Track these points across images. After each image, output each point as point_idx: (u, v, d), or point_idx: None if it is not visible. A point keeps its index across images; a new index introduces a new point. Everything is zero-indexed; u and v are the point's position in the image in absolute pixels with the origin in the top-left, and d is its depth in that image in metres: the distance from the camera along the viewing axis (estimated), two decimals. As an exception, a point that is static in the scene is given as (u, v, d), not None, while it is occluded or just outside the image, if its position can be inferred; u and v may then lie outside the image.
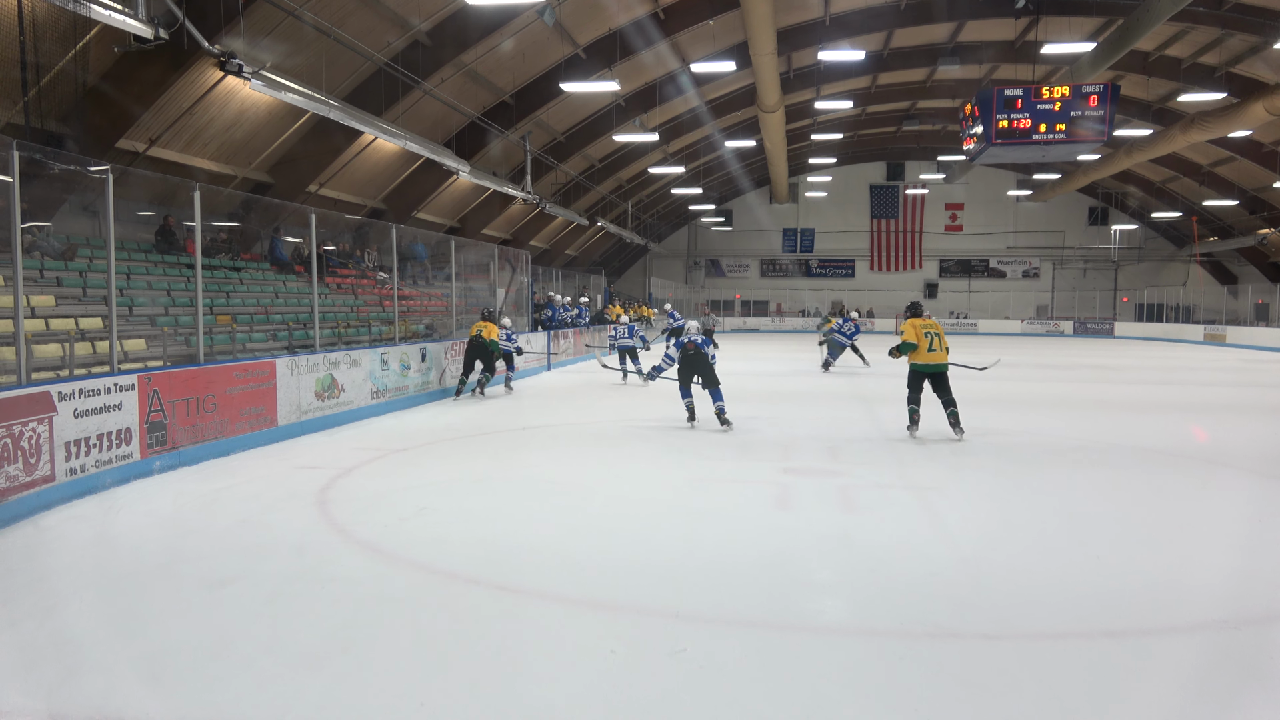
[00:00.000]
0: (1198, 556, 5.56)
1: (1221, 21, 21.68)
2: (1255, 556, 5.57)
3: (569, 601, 4.59)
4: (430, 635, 4.14)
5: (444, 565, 5.16)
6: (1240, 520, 6.57)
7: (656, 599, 4.62)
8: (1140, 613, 4.48)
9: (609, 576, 4.99)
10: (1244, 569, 5.28)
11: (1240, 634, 4.24)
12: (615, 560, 5.30)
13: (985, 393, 15.44)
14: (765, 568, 5.16)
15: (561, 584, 4.85)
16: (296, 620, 4.29)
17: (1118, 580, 4.97)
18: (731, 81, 25.63)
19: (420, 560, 5.25)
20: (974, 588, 4.85)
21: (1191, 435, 10.97)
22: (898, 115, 35.08)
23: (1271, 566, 5.33)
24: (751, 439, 9.78)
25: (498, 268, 17.17)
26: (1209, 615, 4.45)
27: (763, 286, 47.76)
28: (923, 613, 4.42)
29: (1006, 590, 4.80)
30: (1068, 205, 44.16)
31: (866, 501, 6.83)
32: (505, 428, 10.72)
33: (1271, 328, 33.85)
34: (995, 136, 18.84)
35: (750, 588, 4.82)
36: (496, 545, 5.58)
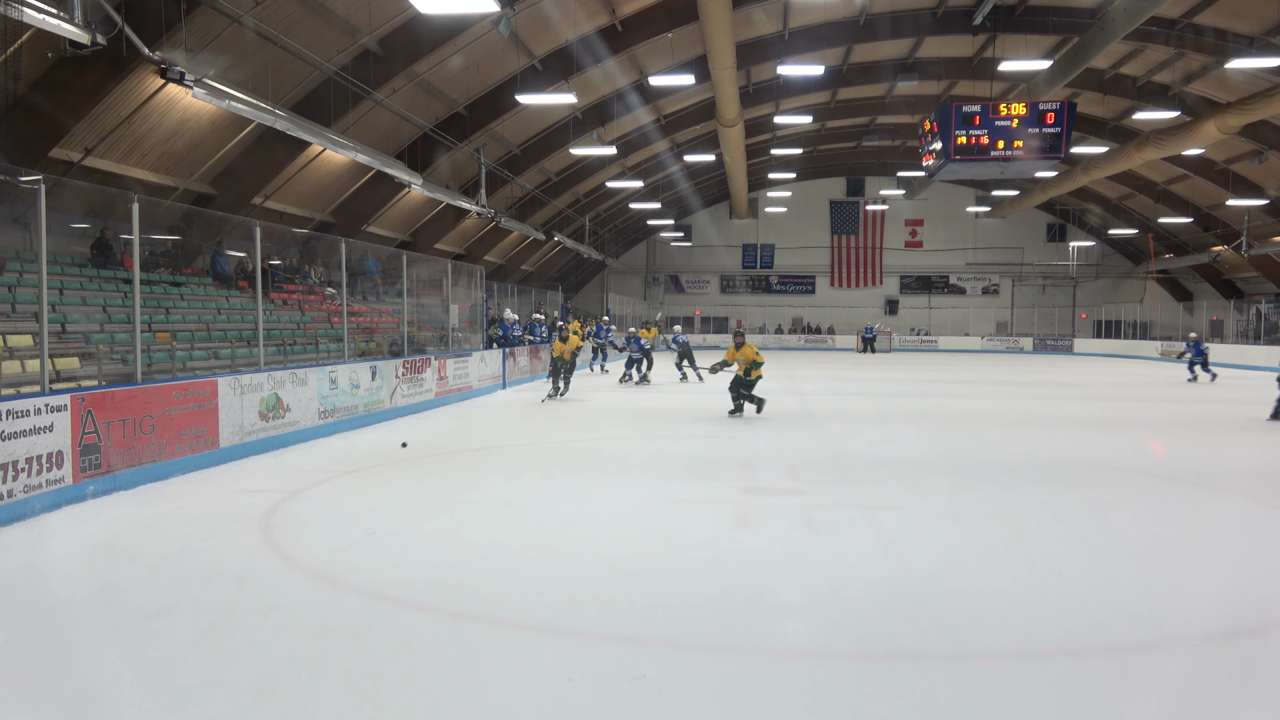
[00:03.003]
0: (1158, 573, 5.50)
1: (1174, 41, 22.09)
2: (1213, 573, 5.54)
3: (524, 628, 4.41)
4: (379, 665, 3.95)
5: (394, 592, 4.94)
6: (1198, 536, 6.56)
7: (615, 624, 4.47)
8: (1102, 630, 4.42)
9: (566, 601, 4.80)
10: (1203, 585, 5.24)
11: (1200, 650, 4.18)
12: (572, 584, 5.10)
13: (946, 410, 15.41)
14: (726, 590, 5.02)
15: (516, 610, 4.66)
16: (239, 651, 4.09)
17: (1079, 598, 4.90)
18: (691, 95, 25.57)
19: (369, 587, 5.02)
20: (936, 608, 4.75)
21: (1147, 452, 10.96)
22: (857, 131, 35.35)
23: (1228, 582, 5.30)
24: (712, 458, 9.56)
25: (451, 283, 16.78)
26: (1170, 632, 4.41)
27: (723, 303, 47.76)
28: (885, 634, 4.36)
29: (968, 610, 4.71)
30: (1026, 222, 44.79)
31: (827, 521, 6.69)
32: (458, 448, 10.39)
33: (1226, 344, 34.50)
34: (954, 152, 18.93)
35: (711, 611, 4.67)
36: (448, 570, 5.35)
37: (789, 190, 43.34)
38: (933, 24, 23.00)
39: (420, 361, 13.98)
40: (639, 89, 23.46)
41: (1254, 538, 6.42)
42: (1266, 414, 13.88)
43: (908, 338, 44.21)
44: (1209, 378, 22.97)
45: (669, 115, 27.56)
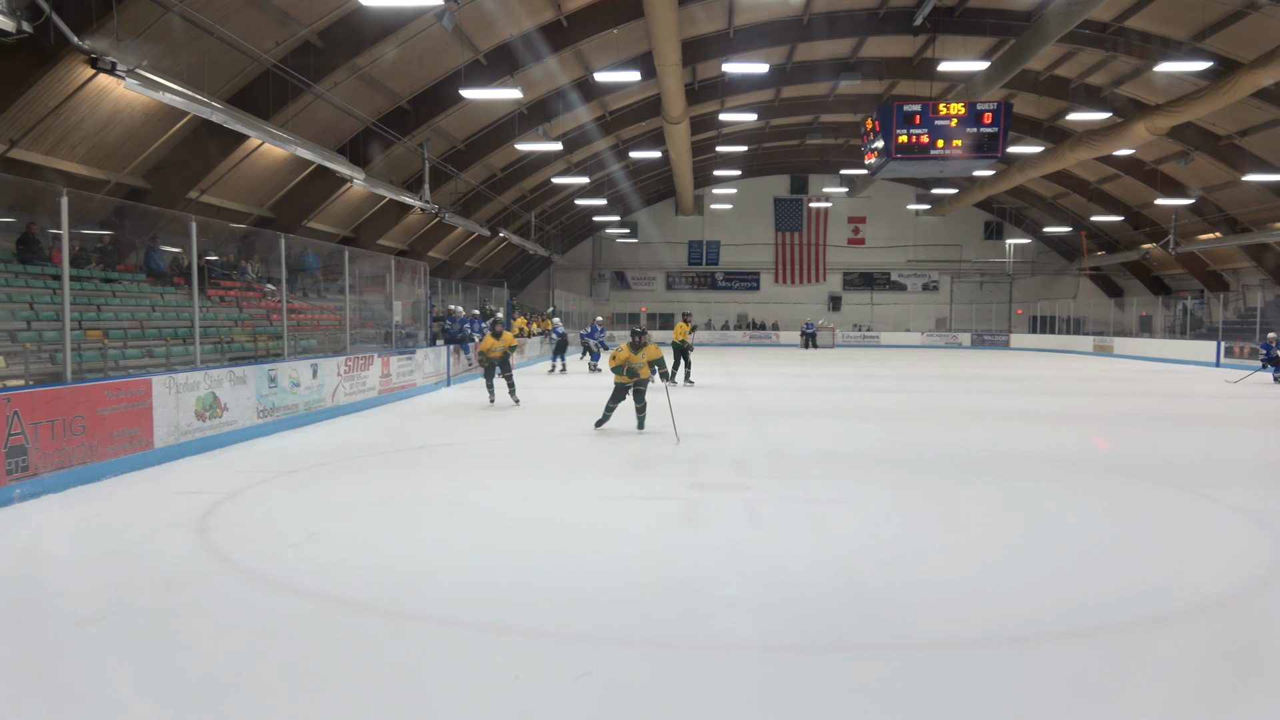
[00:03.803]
0: (1094, 562, 5.63)
1: (1106, 44, 22.74)
2: (1146, 561, 5.69)
3: (469, 627, 4.38)
4: (322, 668, 3.89)
5: (337, 593, 4.85)
6: (1132, 526, 6.72)
7: (561, 621, 4.46)
8: (1040, 619, 4.52)
9: (512, 599, 4.77)
10: (1135, 574, 5.37)
11: (1135, 635, 4.31)
12: (518, 582, 5.07)
13: (889, 405, 15.64)
14: (673, 586, 5.03)
15: (461, 609, 4.62)
16: (177, 657, 3.98)
17: (1018, 588, 5.02)
18: (636, 92, 25.60)
19: (311, 589, 4.92)
20: (880, 600, 4.82)
21: (1085, 444, 11.29)
22: (801, 129, 35.70)
23: (1159, 570, 5.46)
24: (658, 455, 9.59)
25: (395, 280, 16.55)
26: (1108, 618, 4.51)
27: (669, 299, 47.89)
28: (830, 626, 4.41)
29: (912, 601, 4.78)
30: (965, 220, 45.70)
31: (773, 516, 6.74)
32: (402, 447, 10.26)
33: (1155, 339, 35.63)
34: (895, 151, 19.27)
35: (658, 607, 4.68)
36: (392, 570, 5.28)
37: (734, 187, 43.62)
38: (874, 24, 23.35)
39: (363, 359, 13.78)
40: (584, 85, 23.42)
41: (1185, 527, 6.64)
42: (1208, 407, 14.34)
43: (850, 334, 44.83)
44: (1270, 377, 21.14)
45: (615, 112, 27.54)
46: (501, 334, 14.25)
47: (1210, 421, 13.52)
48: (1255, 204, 30.05)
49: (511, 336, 14.46)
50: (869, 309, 47.18)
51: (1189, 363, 30.10)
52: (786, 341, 43.46)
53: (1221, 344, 29.58)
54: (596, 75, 20.45)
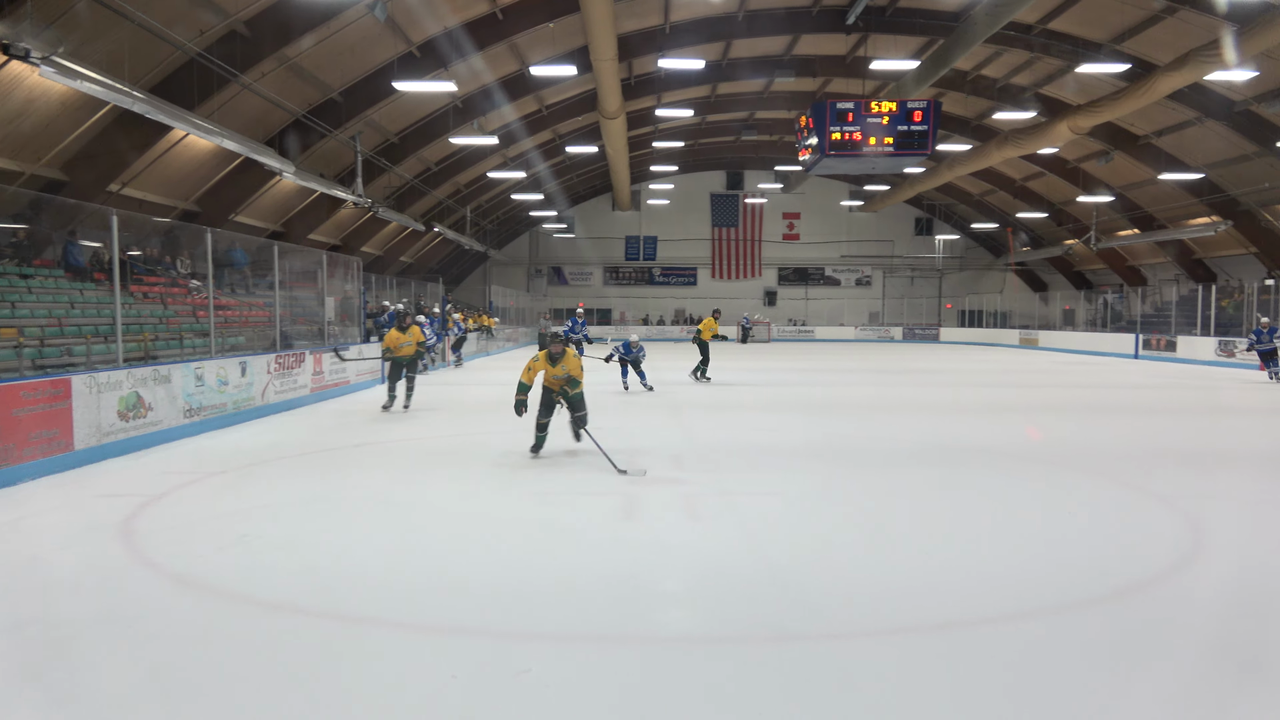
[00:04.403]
0: (1021, 548, 5.81)
1: (1030, 45, 23.36)
2: (1070, 547, 5.87)
3: (405, 627, 4.33)
4: (254, 673, 3.81)
5: (268, 596, 4.75)
6: (1056, 513, 6.94)
7: (499, 620, 4.43)
8: (970, 605, 4.63)
9: (448, 598, 4.73)
10: (1060, 559, 5.54)
11: (1058, 619, 4.44)
12: (454, 581, 5.02)
13: (823, 399, 15.87)
14: (611, 581, 5.04)
15: (396, 609, 4.56)
16: (101, 666, 3.86)
17: (948, 575, 5.14)
18: (573, 86, 25.49)
19: (242, 592, 4.81)
20: (814, 590, 4.90)
21: (1012, 434, 11.62)
22: (737, 125, 35.96)
23: (1082, 556, 5.63)
24: (594, 450, 9.56)
25: (327, 275, 16.22)
26: (1034, 603, 4.65)
27: (607, 295, 47.87)
28: (767, 617, 4.46)
29: (847, 590, 4.87)
30: (896, 216, 46.55)
31: (710, 509, 6.80)
32: (335, 445, 10.08)
33: (1077, 332, 36.83)
34: (829, 148, 19.54)
35: (597, 602, 4.68)
36: (326, 572, 5.19)
37: (671, 183, 43.73)
38: (807, 22, 23.62)
39: (294, 356, 13.49)
40: (520, 79, 23.23)
41: (1106, 514, 6.86)
42: (1127, 397, 14.85)
43: (786, 328, 45.35)
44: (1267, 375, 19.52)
45: (551, 106, 27.40)
46: (410, 328, 12.87)
47: (1129, 411, 14.02)
48: (1170, 202, 31.21)
49: (420, 332, 13.18)
50: (804, 304, 47.78)
51: (1109, 354, 31.20)
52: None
53: (1140, 336, 30.75)
54: (532, 69, 20.32)
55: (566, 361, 8.73)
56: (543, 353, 8.87)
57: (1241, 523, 6.55)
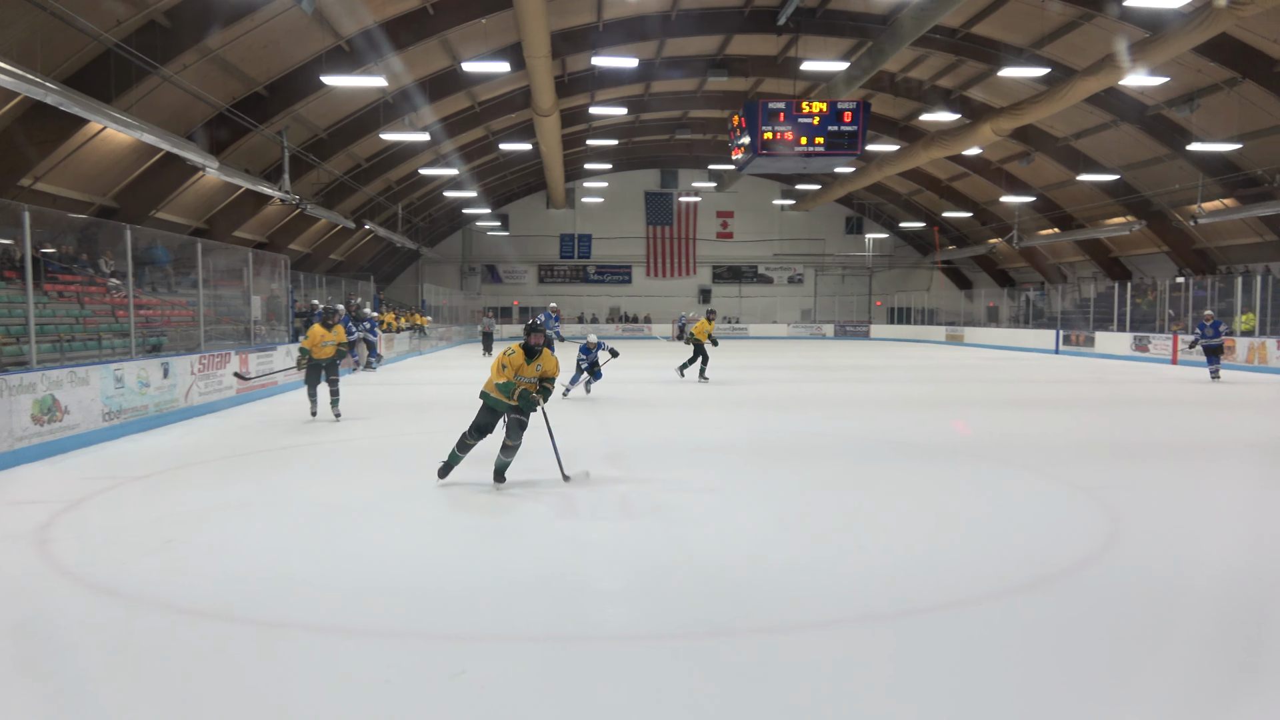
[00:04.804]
0: (951, 540, 5.96)
1: (955, 49, 23.95)
2: (999, 538, 6.05)
3: (337, 632, 4.25)
4: (180, 682, 3.70)
5: (194, 604, 4.60)
6: (984, 504, 7.17)
7: (433, 622, 4.38)
8: (903, 596, 4.73)
9: (383, 601, 4.65)
10: (989, 549, 5.70)
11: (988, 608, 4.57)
12: (387, 583, 4.95)
13: (758, 396, 16.03)
14: (548, 580, 5.02)
15: (328, 614, 4.47)
16: (17, 680, 3.72)
17: (881, 567, 5.25)
18: (506, 83, 25.30)
19: (166, 600, 4.66)
20: (753, 585, 4.94)
21: (940, 428, 11.88)
22: (671, 124, 36.11)
23: (1011, 545, 5.82)
24: (530, 448, 9.51)
25: (253, 273, 15.82)
26: (966, 593, 4.77)
27: (541, 293, 47.61)
28: (705, 613, 4.49)
29: (781, 585, 4.93)
30: (827, 215, 47.27)
31: (647, 506, 6.81)
32: (263, 448, 9.84)
33: (1001, 328, 37.94)
34: (761, 148, 19.73)
35: (533, 602, 4.66)
36: (255, 577, 5.06)
37: (605, 181, 43.71)
38: (741, 22, 23.84)
39: (219, 357, 13.14)
40: (452, 75, 22.98)
41: (1031, 505, 7.09)
42: (1048, 391, 15.29)
43: (720, 326, 45.63)
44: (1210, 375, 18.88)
45: (484, 103, 27.15)
46: (334, 327, 11.85)
47: (1050, 405, 14.47)
48: (1089, 202, 32.30)
49: (343, 332, 12.18)
50: (738, 301, 48.22)
51: (1032, 350, 32.19)
52: (659, 334, 43.90)
53: (1060, 332, 31.83)
54: (464, 65, 20.11)
55: (544, 359, 7.35)
56: (519, 346, 7.29)
57: (1157, 511, 6.81)
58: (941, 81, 27.36)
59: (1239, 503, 7.23)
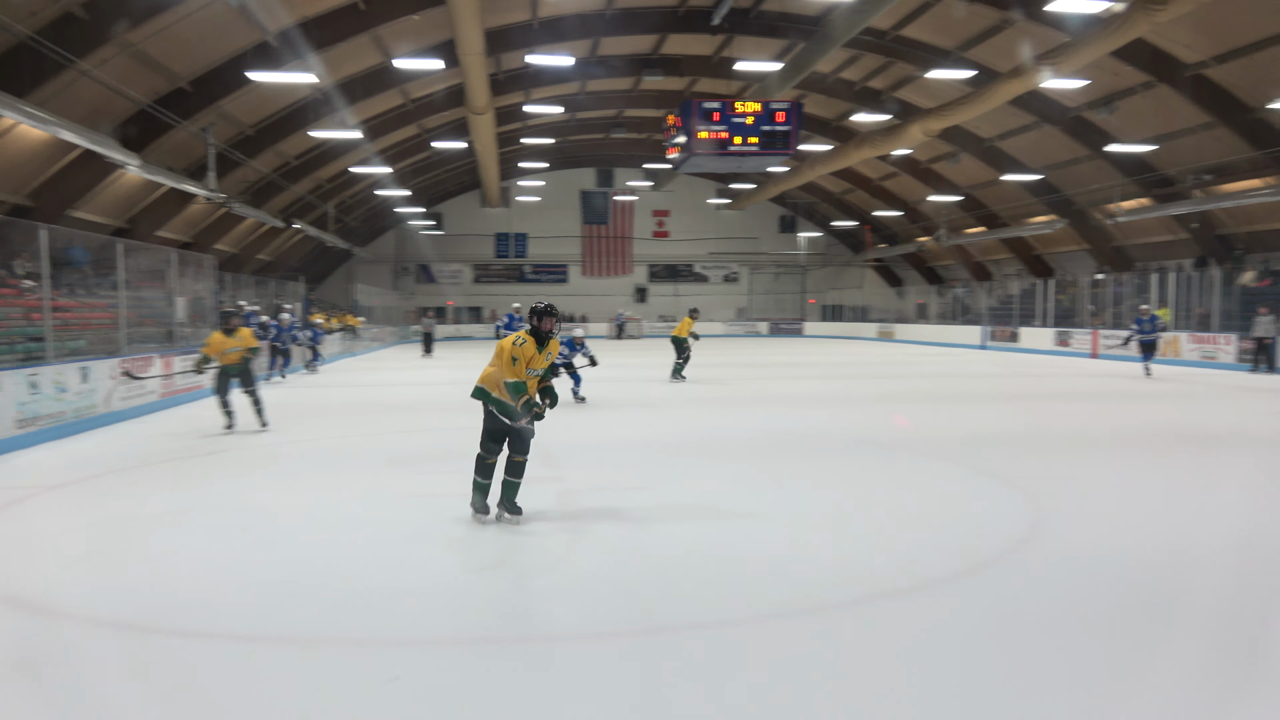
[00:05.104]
0: (880, 532, 6.11)
1: (885, 51, 24.39)
2: (928, 528, 6.19)
3: (267, 640, 4.17)
4: (103, 695, 3.61)
5: (117, 615, 4.48)
6: (911, 497, 7.31)
7: (366, 627, 4.32)
8: (835, 588, 4.82)
9: (315, 609, 4.57)
10: (917, 540, 5.83)
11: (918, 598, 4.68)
12: (321, 590, 4.86)
13: (692, 394, 16.12)
14: (484, 581, 5.02)
15: (258, 622, 4.39)
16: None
17: (813, 560, 5.33)
18: (440, 80, 25.00)
19: (87, 612, 4.52)
20: (692, 582, 4.98)
21: (871, 422, 12.11)
22: (606, 122, 36.10)
23: (936, 536, 5.95)
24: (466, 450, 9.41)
25: (178, 274, 15.37)
26: (894, 584, 4.88)
27: (476, 293, 47.23)
28: (639, 609, 4.53)
29: (723, 581, 4.97)
30: (762, 214, 47.76)
31: (583, 505, 6.82)
32: (187, 454, 9.56)
33: (930, 324, 38.82)
34: (696, 147, 19.85)
35: (470, 604, 4.65)
36: (180, 586, 4.93)
37: (541, 180, 43.49)
38: (675, 22, 23.96)
39: (140, 360, 12.74)
40: (384, 72, 22.61)
41: (957, 496, 7.27)
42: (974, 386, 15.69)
43: (657, 324, 45.85)
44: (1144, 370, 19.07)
45: (417, 100, 26.80)
46: (237, 330, 10.83)
47: (976, 399, 14.86)
48: (1013, 201, 33.19)
49: (251, 335, 11.10)
50: (674, 300, 48.40)
51: (959, 345, 33.01)
52: (595, 333, 43.90)
53: (986, 328, 32.70)
54: (396, 62, 19.82)
55: (552, 346, 6.38)
56: (527, 334, 6.24)
57: (1076, 499, 7.04)
58: (872, 82, 27.85)
59: (1151, 489, 7.52)
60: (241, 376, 10.87)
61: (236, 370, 10.82)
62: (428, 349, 28.02)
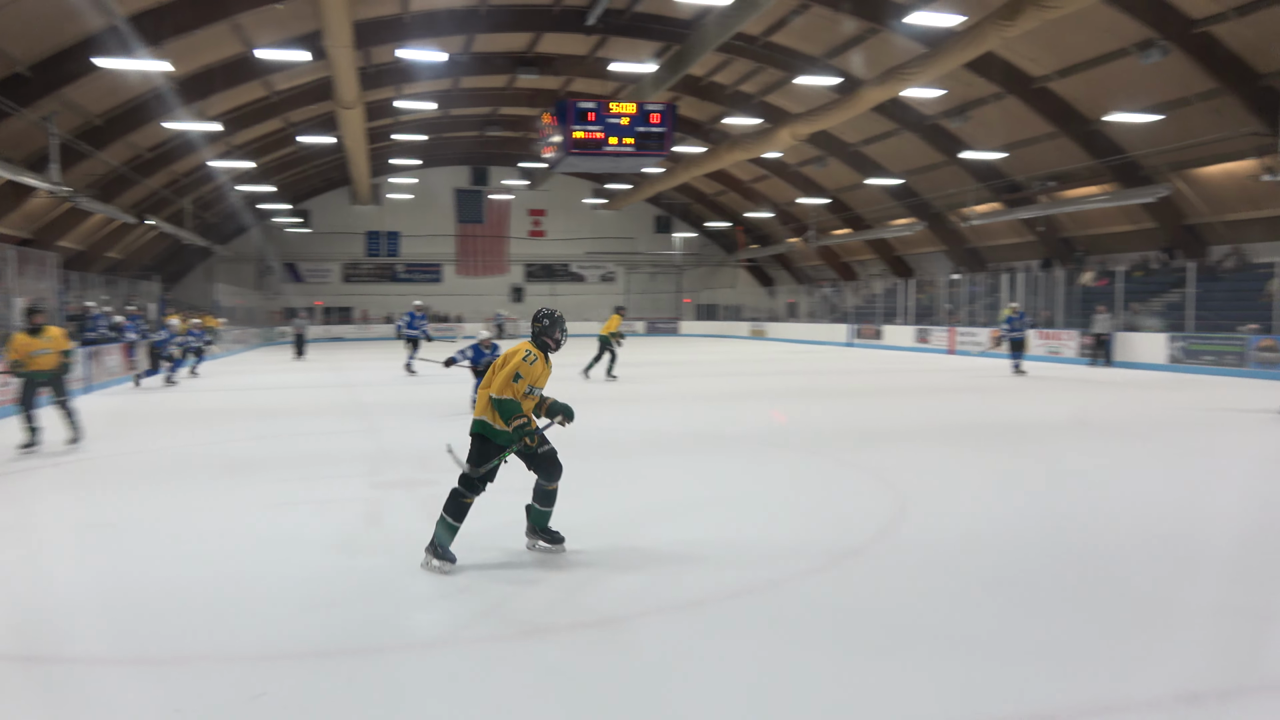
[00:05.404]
0: (750, 525, 6.26)
1: (756, 56, 24.99)
2: (800, 519, 6.41)
3: (121, 662, 3.95)
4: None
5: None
6: (781, 490, 7.54)
7: (229, 644, 4.14)
8: (719, 579, 4.90)
9: (173, 627, 4.35)
10: (788, 531, 6.03)
11: (789, 587, 4.82)
12: (180, 607, 4.63)
13: (570, 393, 16.11)
14: (356, 590, 4.88)
15: (112, 644, 4.15)
16: None
17: (695, 553, 5.40)
18: (307, 72, 24.12)
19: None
20: (570, 580, 4.98)
21: (751, 418, 12.38)
22: (481, 120, 35.66)
23: (806, 527, 6.16)
24: (336, 455, 9.17)
25: (16, 273, 14.34)
26: (763, 575, 5.00)
27: (346, 292, 45.83)
28: (518, 612, 4.50)
29: (598, 578, 5.00)
30: (638, 214, 48.17)
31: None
32: (25, 466, 8.91)
33: (800, 323, 40.07)
34: (572, 146, 19.82)
35: (337, 615, 4.50)
36: (23, 609, 4.61)
37: (414, 177, 42.57)
38: (550, 21, 23.88)
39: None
40: (245, 62, 21.66)
41: (826, 488, 7.54)
42: (841, 382, 16.26)
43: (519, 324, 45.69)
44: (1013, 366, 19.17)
45: (282, 92, 25.80)
46: (43, 329, 9.40)
47: (843, 395, 15.43)
48: (876, 204, 34.60)
49: (63, 337, 9.70)
50: (550, 299, 48.27)
51: (828, 343, 34.22)
52: (471, 334, 43.34)
53: (853, 326, 34.04)
54: (257, 52, 19.03)
55: None
56: (533, 346, 5.72)
57: (935, 487, 7.41)
58: (744, 87, 28.49)
59: (1003, 475, 7.98)
60: (53, 385, 9.41)
61: (47, 378, 9.34)
62: (300, 351, 26.97)
